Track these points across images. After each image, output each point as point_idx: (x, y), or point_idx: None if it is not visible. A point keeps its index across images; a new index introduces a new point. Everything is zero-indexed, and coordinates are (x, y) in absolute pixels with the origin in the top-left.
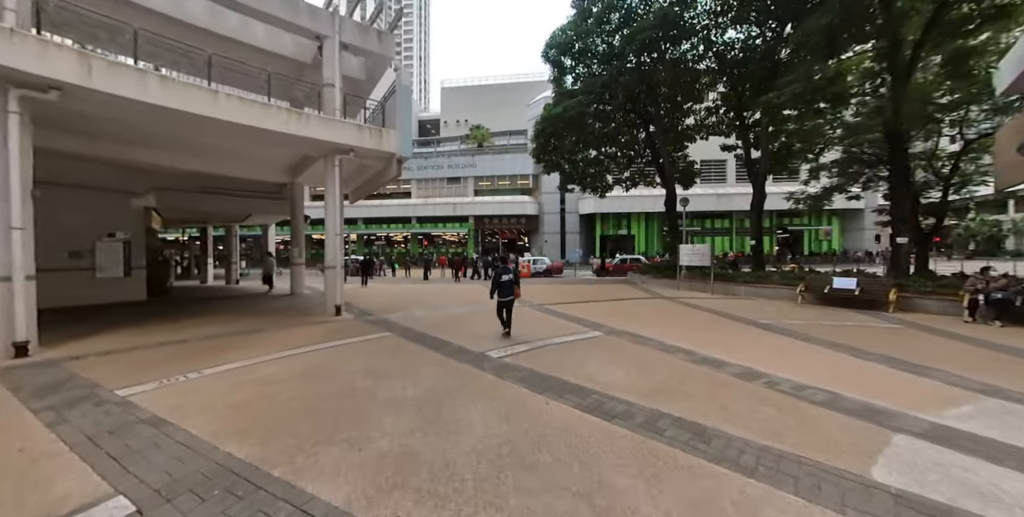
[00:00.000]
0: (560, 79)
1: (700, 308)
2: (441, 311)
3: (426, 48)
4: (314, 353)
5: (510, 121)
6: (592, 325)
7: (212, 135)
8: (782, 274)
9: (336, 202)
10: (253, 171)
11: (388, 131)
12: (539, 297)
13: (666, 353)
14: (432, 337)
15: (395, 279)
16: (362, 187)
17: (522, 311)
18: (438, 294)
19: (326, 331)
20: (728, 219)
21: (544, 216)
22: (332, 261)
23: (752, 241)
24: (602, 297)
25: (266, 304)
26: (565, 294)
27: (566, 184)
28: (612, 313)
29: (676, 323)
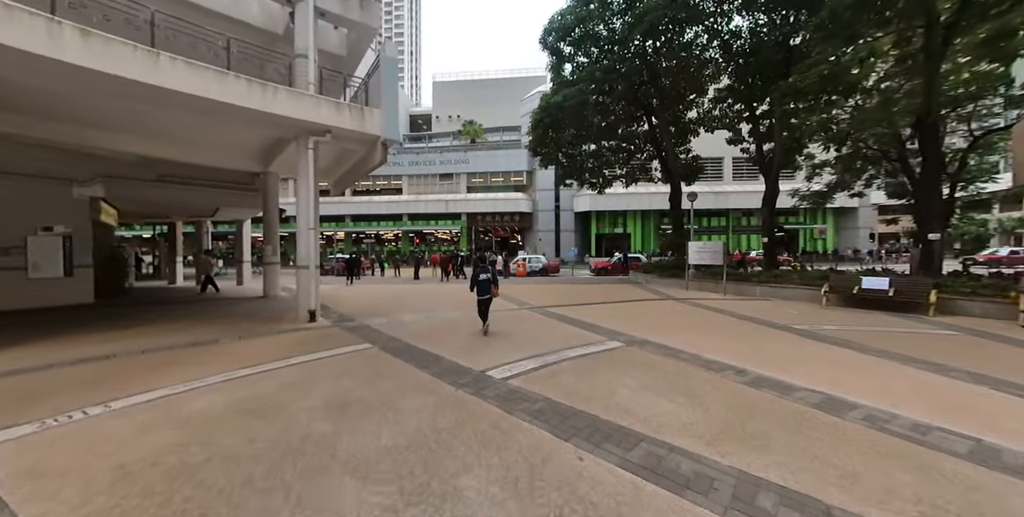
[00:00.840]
0: (558, 68)
1: (720, 311)
2: (431, 315)
3: (417, 43)
4: (269, 375)
5: (504, 117)
6: (607, 333)
7: (159, 110)
8: (801, 273)
9: (309, 192)
10: (219, 158)
11: (371, 110)
12: (539, 299)
13: (709, 371)
14: (420, 350)
15: (384, 279)
16: (344, 177)
17: (524, 316)
18: (428, 295)
19: (293, 342)
20: (725, 217)
21: (538, 214)
22: (305, 260)
23: (764, 239)
24: (608, 298)
25: (232, 308)
26: (567, 295)
27: (564, 179)
28: (625, 317)
29: (702, 329)
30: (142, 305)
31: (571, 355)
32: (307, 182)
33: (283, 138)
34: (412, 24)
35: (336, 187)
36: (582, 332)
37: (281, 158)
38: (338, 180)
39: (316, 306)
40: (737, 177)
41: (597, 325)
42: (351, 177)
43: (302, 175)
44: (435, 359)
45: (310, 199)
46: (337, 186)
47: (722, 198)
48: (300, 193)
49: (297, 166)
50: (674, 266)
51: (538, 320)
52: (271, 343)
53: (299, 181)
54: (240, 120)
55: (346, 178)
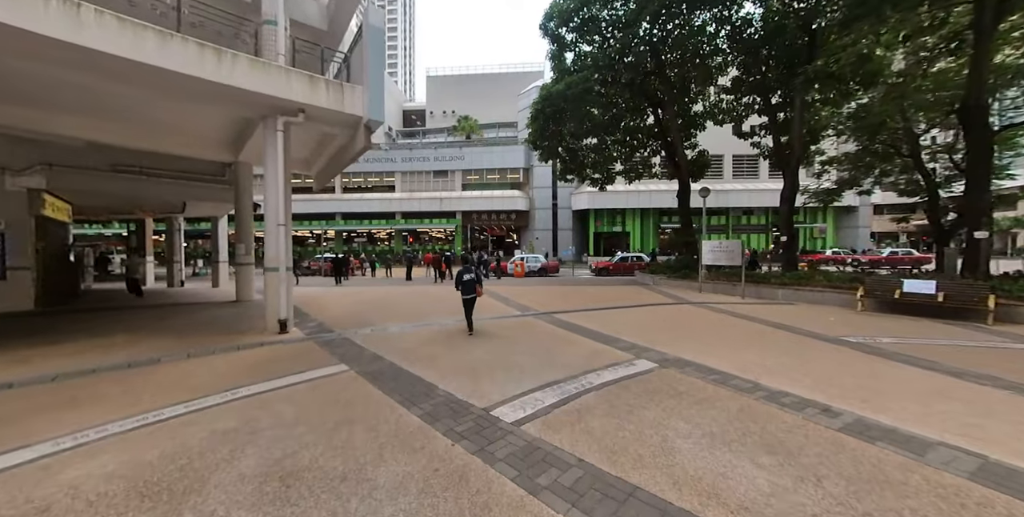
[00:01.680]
0: (559, 56)
1: (747, 317)
2: (423, 324)
3: (411, 39)
4: (200, 417)
5: (500, 112)
6: (632, 348)
7: (97, 83)
8: (827, 275)
9: (279, 182)
10: (182, 145)
11: (353, 87)
12: (543, 303)
13: (785, 409)
14: (408, 374)
15: (374, 280)
16: (327, 168)
17: (531, 325)
18: (420, 299)
19: (252, 363)
20: (725, 216)
21: (535, 212)
22: (274, 261)
23: (782, 237)
24: (619, 302)
25: (195, 315)
26: (573, 298)
27: (565, 174)
28: (646, 327)
29: (741, 342)
30: (91, 312)
31: (597, 381)
32: (276, 170)
33: (252, 120)
34: (406, 19)
35: (319, 180)
36: (602, 347)
37: (253, 146)
38: (320, 172)
39: (288, 315)
40: (737, 175)
41: (617, 337)
42: (333, 168)
43: (270, 162)
44: (426, 389)
45: (279, 190)
46: (320, 179)
47: (722, 196)
48: (268, 183)
49: (264, 152)
50: (683, 266)
51: (547, 331)
52: (224, 364)
53: (267, 169)
54: (195, 96)
55: (328, 169)
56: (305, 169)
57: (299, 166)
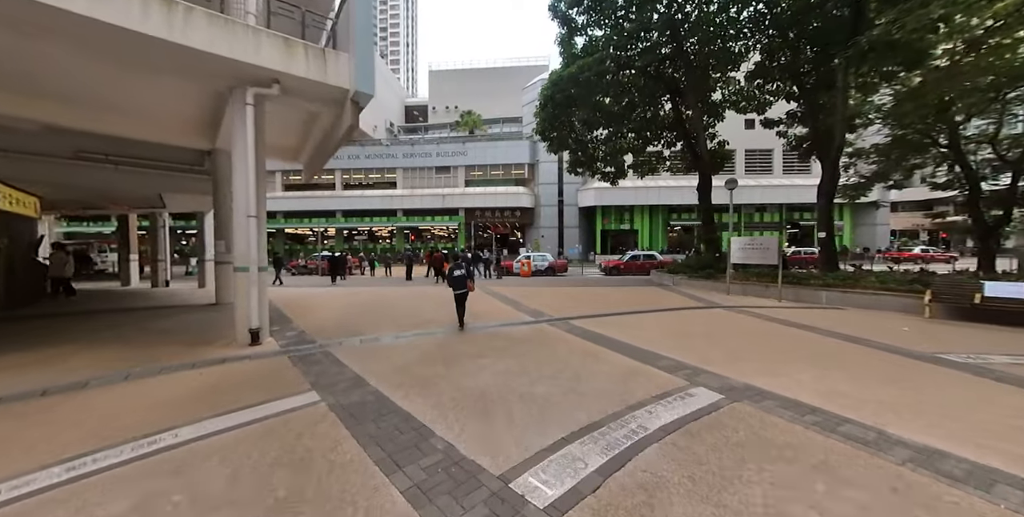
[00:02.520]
0: (569, 41)
1: (798, 325)
2: (421, 333)
3: (413, 35)
4: (79, 490)
5: (504, 107)
6: (678, 367)
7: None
8: (880, 276)
9: (248, 166)
10: (151, 129)
11: (337, 54)
12: (556, 306)
13: (972, 493)
14: (396, 410)
15: (372, 279)
16: (315, 155)
17: (548, 335)
18: (419, 302)
19: (200, 389)
20: (737, 213)
21: (541, 209)
22: (244, 258)
23: (821, 234)
24: (642, 306)
25: (162, 321)
26: (589, 301)
27: (575, 167)
28: (683, 337)
29: (811, 360)
30: (47, 317)
31: (653, 425)
32: (246, 152)
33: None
34: (408, 15)
35: (308, 170)
36: (639, 366)
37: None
38: (309, 160)
39: (261, 323)
40: (750, 170)
41: (655, 352)
42: (322, 154)
43: (239, 142)
44: (418, 436)
45: (249, 176)
46: (309, 168)
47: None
48: (237, 168)
49: (232, 130)
50: (706, 265)
51: (567, 343)
52: (165, 390)
53: (235, 151)
54: (145, 61)
55: (317, 156)
56: (293, 158)
57: (287, 155)
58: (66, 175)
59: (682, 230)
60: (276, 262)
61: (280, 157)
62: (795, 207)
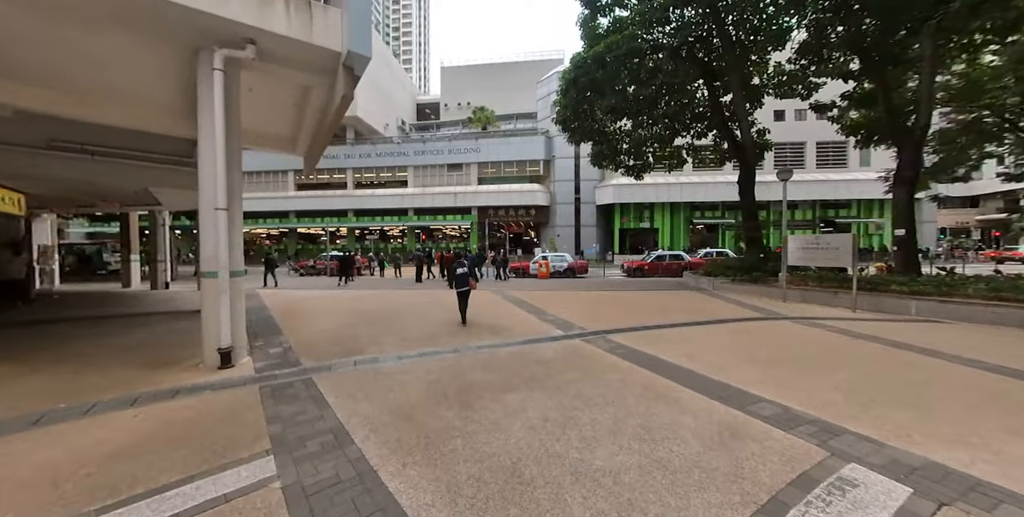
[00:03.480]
0: (592, 21)
1: (909, 347)
2: (431, 353)
3: (425, 34)
4: None
5: (517, 103)
6: (791, 419)
7: None
8: (992, 282)
9: (216, 146)
10: (130, 113)
11: (325, 8)
12: (587, 315)
13: None
14: (388, 504)
15: (381, 280)
16: (313, 142)
17: (584, 355)
18: (430, 309)
19: (117, 449)
20: (765, 210)
21: (556, 207)
22: (211, 261)
23: (898, 231)
24: (687, 316)
25: (134, 333)
26: (622, 310)
27: (598, 160)
28: (763, 362)
29: (990, 412)
30: (21, 326)
31: None
32: (212, 128)
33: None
34: (420, 14)
35: (308, 162)
36: (738, 418)
37: None
38: (308, 150)
39: (233, 341)
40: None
41: (743, 390)
42: (319, 139)
43: (205, 117)
44: None
45: (217, 158)
46: (309, 160)
47: (762, 189)
48: (203, 149)
49: (199, 103)
50: (751, 267)
51: (620, 372)
52: (72, 447)
53: (202, 128)
54: (86, 14)
55: (315, 143)
56: (289, 149)
57: (282, 145)
58: (40, 167)
59: (704, 229)
60: (268, 263)
61: (275, 147)
62: (828, 204)
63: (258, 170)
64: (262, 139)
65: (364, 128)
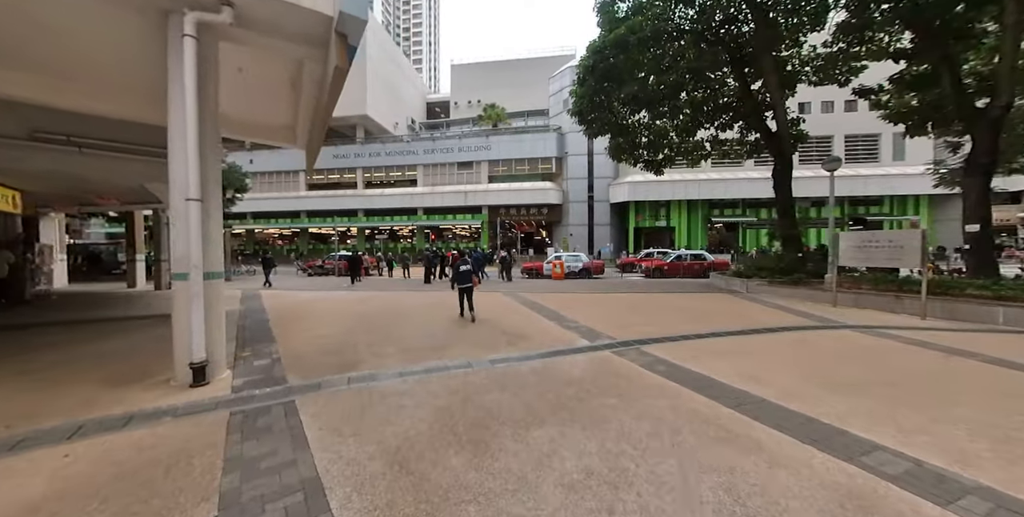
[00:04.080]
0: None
1: None
2: (438, 369)
3: (435, 34)
4: None
5: (528, 101)
6: (950, 490)
7: None
8: None
9: (187, 124)
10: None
11: None
12: (613, 322)
13: None
14: None
15: (389, 280)
16: (312, 129)
17: (619, 373)
18: (439, 313)
19: (27, 504)
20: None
21: (569, 205)
22: (183, 261)
23: (970, 227)
24: (727, 323)
25: (108, 341)
26: (652, 314)
27: (617, 154)
28: (849, 387)
29: None
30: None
31: None
32: (183, 103)
33: None
34: (431, 14)
35: (310, 155)
36: (860, 480)
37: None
38: (309, 140)
39: (209, 355)
40: (805, 160)
41: (847, 432)
42: (318, 127)
43: (175, 91)
44: None
45: (188, 138)
46: (310, 152)
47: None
48: (173, 127)
49: (169, 75)
50: (789, 268)
51: (669, 398)
52: None
53: (171, 103)
54: None
55: (314, 131)
56: (291, 139)
57: (283, 135)
58: (24, 161)
59: (723, 227)
60: (265, 263)
61: (275, 138)
62: (858, 200)
63: (270, 170)
64: (261, 130)
65: (374, 127)
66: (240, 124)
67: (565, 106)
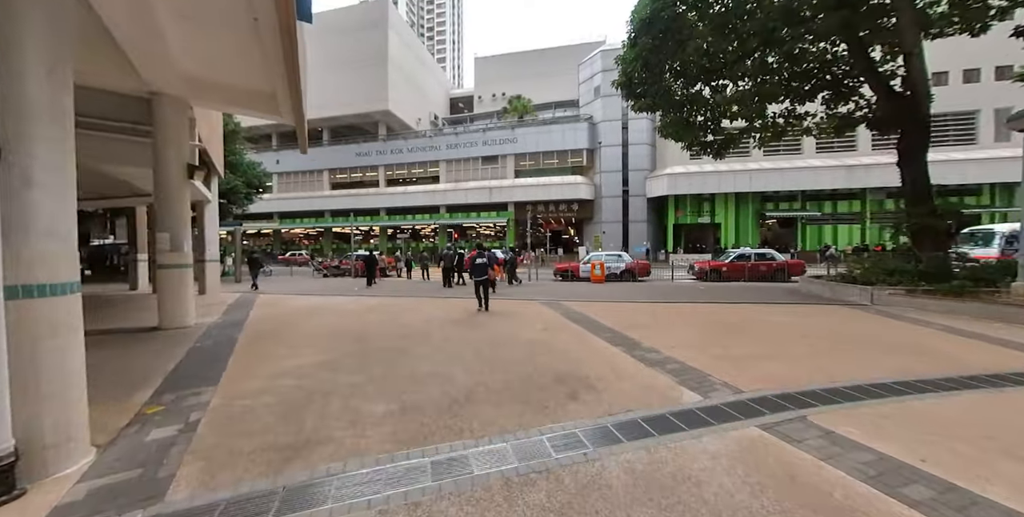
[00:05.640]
0: None
1: None
2: (445, 468)
3: (459, 32)
4: None
5: (556, 92)
6: None
7: None
8: None
9: None
10: None
11: None
12: (713, 354)
13: None
14: None
15: (408, 282)
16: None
17: (809, 491)
18: (454, 333)
19: None
20: (860, 200)
21: (601, 201)
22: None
23: None
24: (912, 364)
25: None
26: (761, 341)
27: (671, 132)
28: None
29: None
30: None
31: None
32: None
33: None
34: (454, 11)
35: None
36: None
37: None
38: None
39: (47, 434)
40: (877, 146)
41: None
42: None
43: None
44: None
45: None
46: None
47: (858, 174)
48: None
49: None
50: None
51: None
52: None
53: None
54: None
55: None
56: (273, 109)
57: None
58: None
59: (777, 223)
60: (252, 263)
61: (258, 107)
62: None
63: (295, 170)
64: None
65: (396, 123)
66: (215, 87)
67: (597, 93)
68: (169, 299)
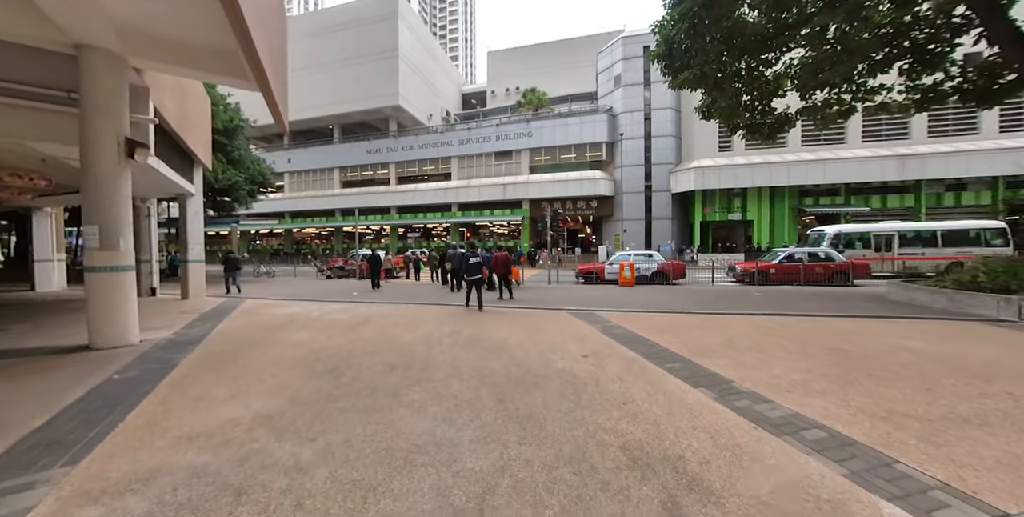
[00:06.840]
0: None
1: None
2: None
3: (471, 30)
4: None
5: (572, 85)
6: None
7: None
8: None
9: None
10: None
11: None
12: (858, 409)
13: None
14: None
15: (414, 284)
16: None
17: None
18: (463, 357)
19: None
20: (914, 194)
21: (623, 197)
22: None
23: None
24: None
25: None
26: (911, 384)
27: (721, 109)
28: None
29: None
30: None
31: None
32: None
33: None
34: (467, 10)
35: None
36: None
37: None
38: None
39: None
40: (935, 132)
41: None
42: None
43: None
44: None
45: None
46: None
47: (912, 164)
48: None
49: None
50: None
51: None
52: None
53: None
54: None
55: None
56: (239, 72)
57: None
58: None
59: (816, 219)
60: (228, 263)
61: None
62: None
63: (305, 169)
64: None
65: (407, 119)
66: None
67: (618, 83)
68: (100, 311)
